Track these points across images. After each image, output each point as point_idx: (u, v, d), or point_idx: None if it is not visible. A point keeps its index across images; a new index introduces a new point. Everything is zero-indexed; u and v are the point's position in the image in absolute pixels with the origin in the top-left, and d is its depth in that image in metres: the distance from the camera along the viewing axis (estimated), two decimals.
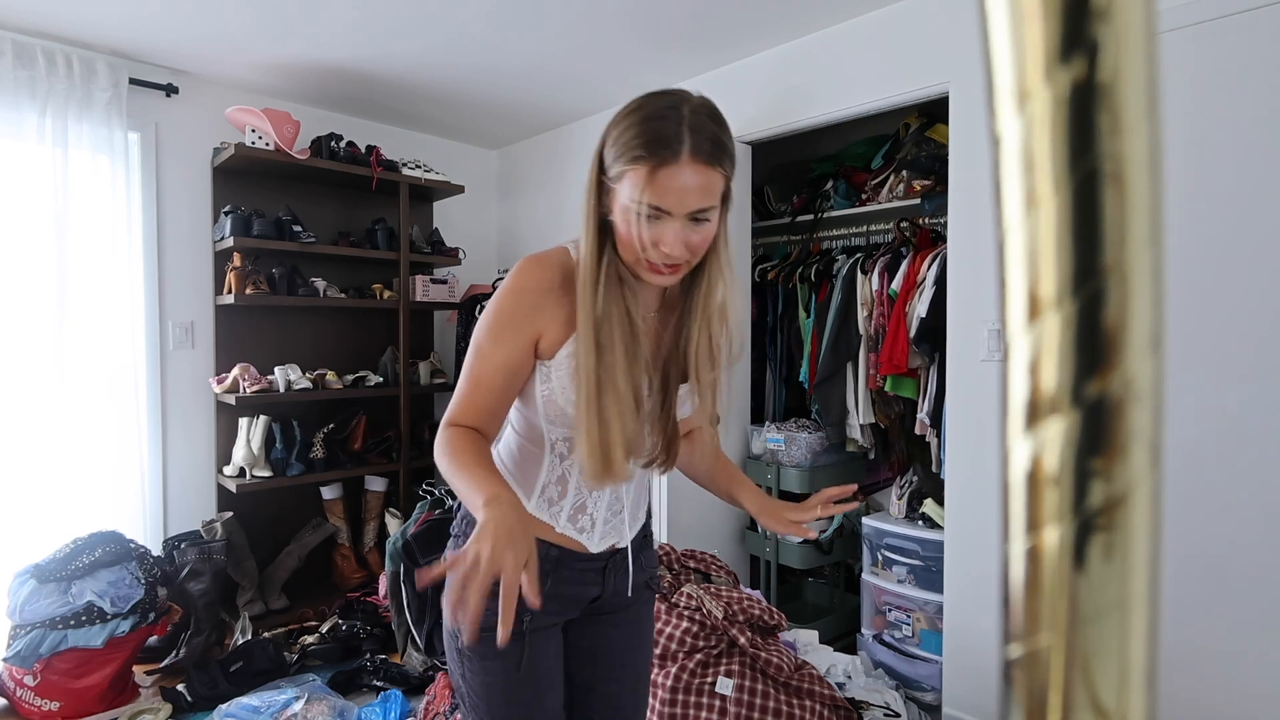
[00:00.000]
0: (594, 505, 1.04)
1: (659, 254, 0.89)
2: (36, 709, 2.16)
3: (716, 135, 0.89)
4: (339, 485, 3.24)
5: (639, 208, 0.87)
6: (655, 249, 0.89)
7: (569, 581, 1.05)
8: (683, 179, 0.85)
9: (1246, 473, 1.71)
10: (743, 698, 1.85)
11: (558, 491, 1.03)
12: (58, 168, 2.59)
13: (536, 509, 1.02)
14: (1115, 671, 0.18)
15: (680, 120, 0.87)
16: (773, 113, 2.70)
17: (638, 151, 0.86)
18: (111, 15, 2.41)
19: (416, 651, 2.49)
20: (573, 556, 1.04)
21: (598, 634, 1.13)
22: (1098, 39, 0.17)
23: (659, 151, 0.85)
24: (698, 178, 0.86)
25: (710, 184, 0.87)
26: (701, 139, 0.86)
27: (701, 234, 0.90)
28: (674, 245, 0.88)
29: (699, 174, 0.86)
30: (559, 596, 1.04)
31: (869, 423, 2.72)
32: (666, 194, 0.86)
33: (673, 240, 0.88)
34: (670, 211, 0.87)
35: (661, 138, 0.85)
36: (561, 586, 1.04)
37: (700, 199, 0.87)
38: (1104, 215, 0.17)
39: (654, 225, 0.88)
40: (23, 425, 2.59)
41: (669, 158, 0.85)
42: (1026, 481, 0.19)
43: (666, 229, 0.88)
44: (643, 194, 0.86)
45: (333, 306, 3.21)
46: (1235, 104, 1.72)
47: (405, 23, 2.47)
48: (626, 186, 0.88)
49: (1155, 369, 0.18)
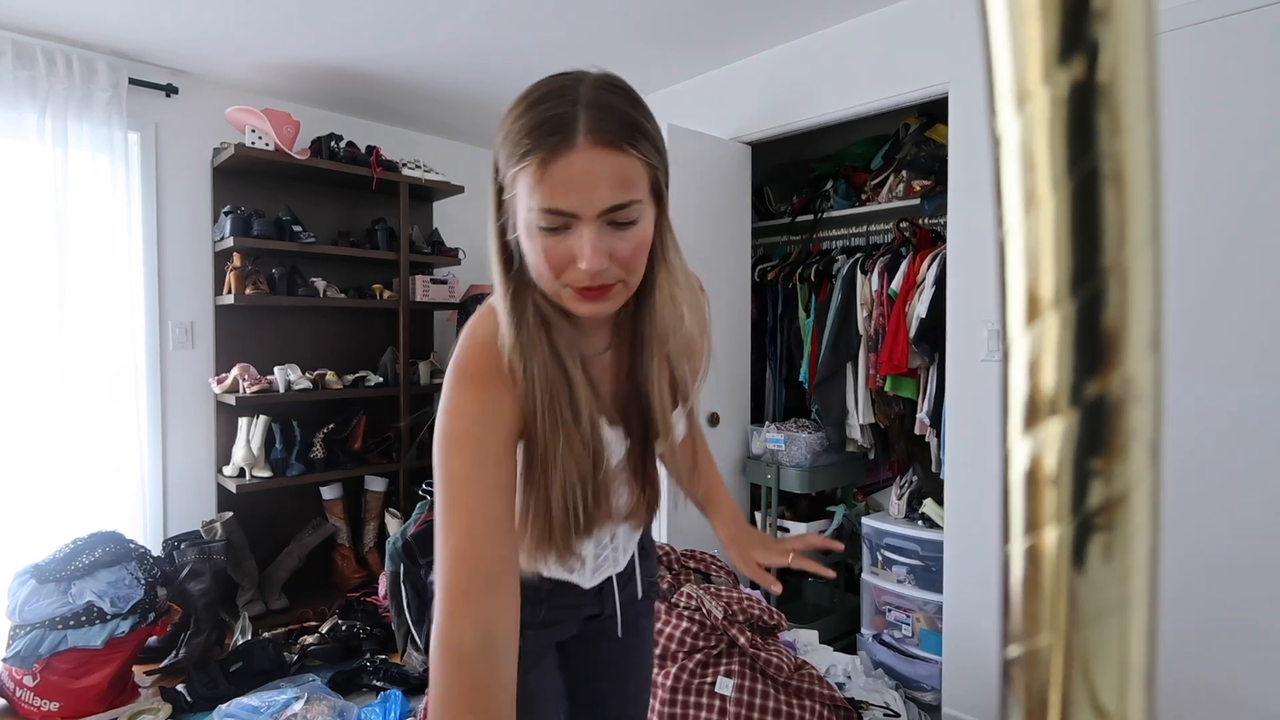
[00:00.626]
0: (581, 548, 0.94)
1: (579, 274, 0.68)
2: (36, 709, 2.16)
3: (625, 112, 0.68)
4: (339, 485, 3.24)
5: (537, 216, 0.67)
6: (572, 268, 0.69)
7: (564, 605, 0.98)
8: (582, 167, 0.65)
9: (1247, 473, 1.72)
10: (742, 698, 1.85)
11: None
12: (58, 168, 2.59)
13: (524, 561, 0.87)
14: (1115, 671, 0.18)
15: (575, 100, 0.67)
16: (773, 113, 2.70)
17: (525, 145, 0.67)
18: (111, 15, 2.41)
19: (416, 651, 2.49)
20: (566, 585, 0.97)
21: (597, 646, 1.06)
22: (1097, 39, 0.17)
23: (548, 139, 0.65)
24: (604, 164, 0.66)
25: (624, 172, 0.67)
26: (602, 116, 0.66)
27: (630, 241, 0.69)
28: (593, 258, 0.67)
29: (604, 160, 0.66)
30: (554, 623, 0.98)
31: (869, 423, 2.72)
32: (566, 190, 0.66)
33: (590, 252, 0.67)
34: (576, 214, 0.66)
35: (551, 121, 0.66)
36: (557, 612, 0.98)
37: (613, 191, 0.66)
38: (1103, 215, 0.17)
39: (562, 237, 0.68)
40: (23, 425, 2.59)
41: (561, 145, 0.65)
42: (1026, 481, 0.19)
43: (578, 239, 0.67)
44: (536, 196, 0.66)
45: (333, 306, 3.21)
46: (1235, 104, 1.72)
47: (405, 22, 2.47)
48: (521, 194, 0.68)
49: (1155, 369, 0.18)
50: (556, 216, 0.67)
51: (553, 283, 0.71)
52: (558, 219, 0.67)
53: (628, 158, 0.67)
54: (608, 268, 0.69)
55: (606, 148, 0.66)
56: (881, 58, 2.37)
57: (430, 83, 3.01)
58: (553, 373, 0.75)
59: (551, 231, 0.68)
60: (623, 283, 0.72)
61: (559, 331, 0.76)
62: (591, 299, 0.71)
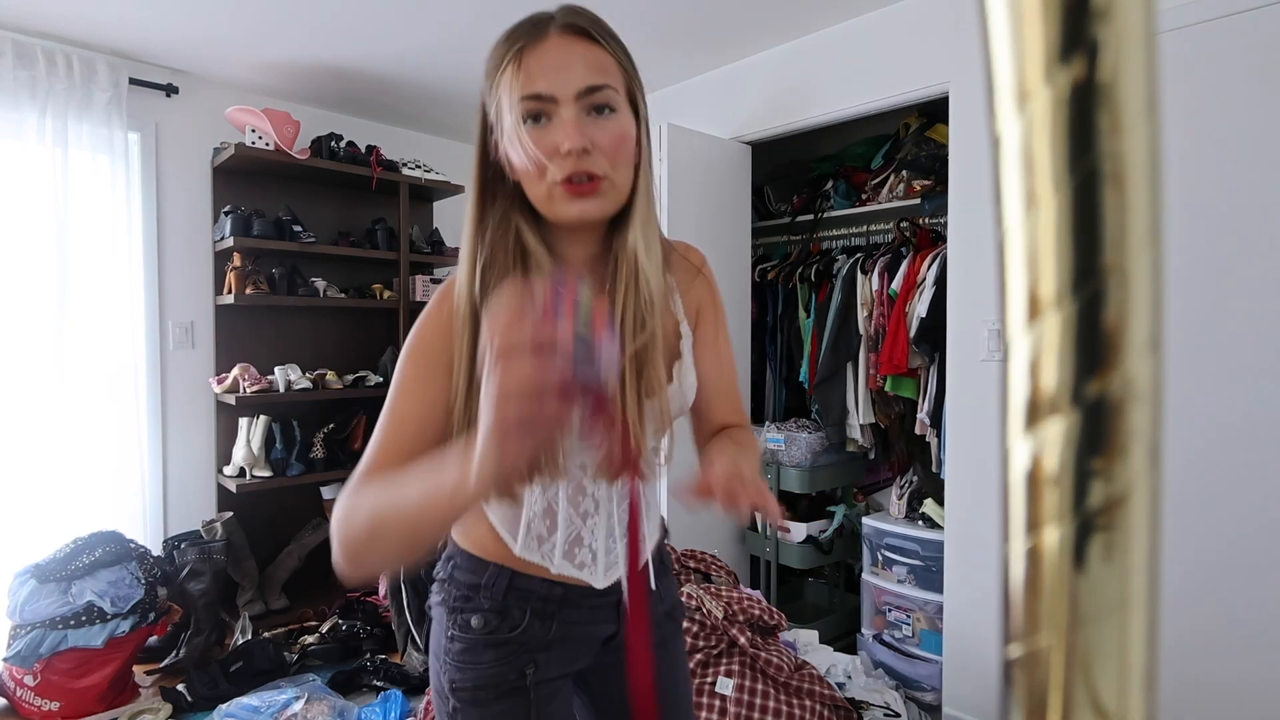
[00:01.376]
0: (590, 535, 0.87)
1: (563, 163, 0.70)
2: (36, 709, 2.16)
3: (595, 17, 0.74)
4: (339, 485, 3.24)
5: (519, 108, 0.70)
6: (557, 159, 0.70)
7: (578, 621, 0.89)
8: (557, 51, 0.70)
9: (1247, 473, 1.72)
10: (743, 698, 1.85)
11: (545, 526, 0.85)
12: (58, 168, 2.59)
13: (525, 550, 0.85)
14: (1115, 671, 0.18)
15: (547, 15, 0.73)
16: (773, 113, 2.70)
17: (502, 50, 0.72)
18: (111, 15, 2.41)
19: (416, 651, 2.49)
20: (579, 593, 0.88)
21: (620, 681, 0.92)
22: (1098, 39, 0.17)
23: (522, 37, 0.71)
24: (576, 49, 0.70)
25: (597, 59, 0.71)
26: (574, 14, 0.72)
27: (609, 131, 0.71)
28: (574, 135, 0.69)
29: (577, 46, 0.70)
30: (567, 640, 0.89)
31: (869, 423, 2.72)
32: (542, 74, 0.69)
33: (571, 130, 0.69)
34: (554, 95, 0.69)
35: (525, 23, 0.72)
36: (570, 628, 0.88)
37: (587, 72, 0.70)
38: (1104, 215, 0.17)
39: (545, 129, 0.70)
40: (23, 425, 2.59)
41: (536, 35, 0.70)
42: (1026, 481, 0.19)
43: (559, 124, 0.70)
44: (515, 88, 0.69)
45: (333, 306, 3.21)
46: (1235, 104, 1.72)
47: (406, 21, 2.47)
48: (504, 97, 0.71)
49: (1155, 369, 0.18)
50: (536, 102, 0.69)
51: (540, 183, 0.72)
52: (538, 104, 0.70)
53: (600, 49, 0.71)
54: (591, 153, 0.70)
55: (578, 36, 0.71)
56: (881, 58, 2.37)
57: (430, 82, 3.01)
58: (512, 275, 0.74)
59: (534, 121, 0.70)
60: (609, 180, 0.72)
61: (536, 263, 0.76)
62: (580, 194, 0.72)
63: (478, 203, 0.77)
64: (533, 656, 0.86)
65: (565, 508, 0.85)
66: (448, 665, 0.87)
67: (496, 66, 0.72)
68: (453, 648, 0.87)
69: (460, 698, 0.85)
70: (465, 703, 0.85)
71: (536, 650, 0.86)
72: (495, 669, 0.85)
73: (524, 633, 0.86)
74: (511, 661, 0.85)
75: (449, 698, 0.86)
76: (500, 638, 0.85)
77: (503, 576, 0.85)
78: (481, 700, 0.84)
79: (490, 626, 0.85)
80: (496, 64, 0.72)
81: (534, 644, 0.86)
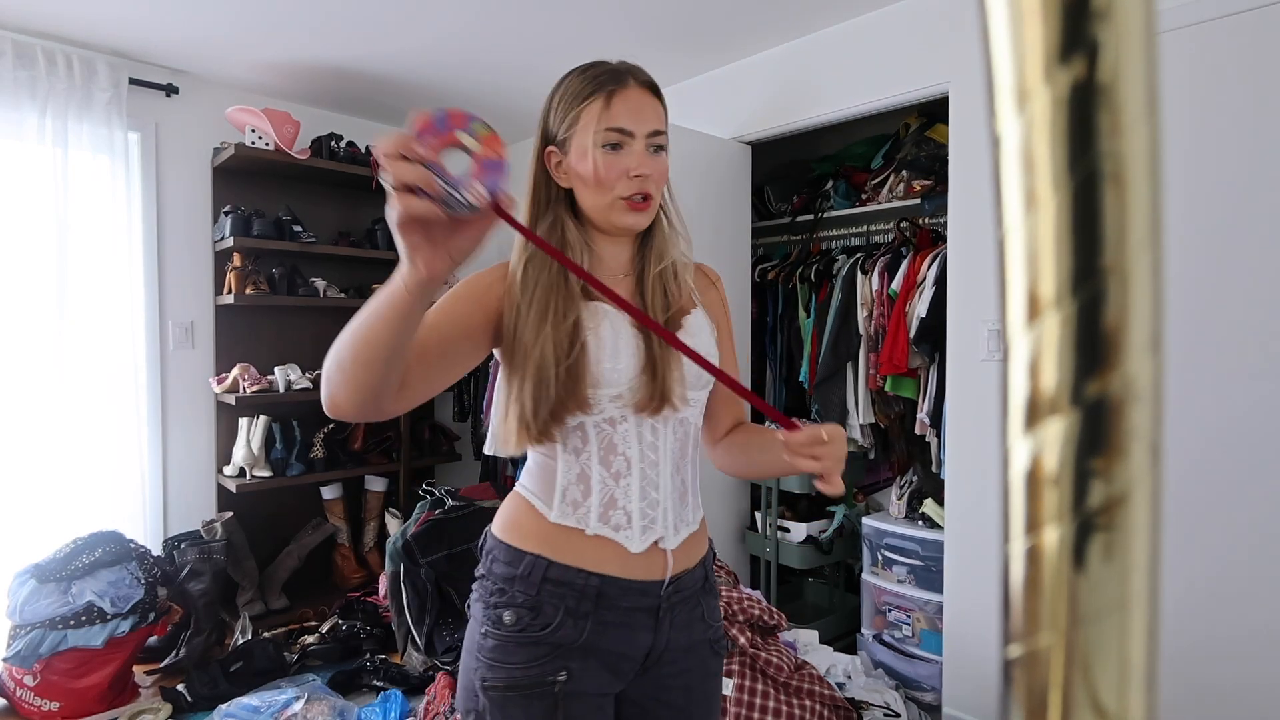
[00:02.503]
0: (624, 497, 0.91)
1: (630, 183, 0.89)
2: (36, 709, 2.16)
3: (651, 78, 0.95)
4: (339, 485, 3.24)
5: (600, 137, 0.89)
6: (626, 180, 0.89)
7: (614, 625, 0.90)
8: (636, 99, 0.90)
9: (1247, 473, 1.71)
10: (743, 698, 1.85)
11: (580, 491, 0.91)
12: (58, 168, 2.59)
13: (560, 515, 0.91)
14: (1115, 671, 0.18)
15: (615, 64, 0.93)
16: (773, 113, 2.70)
17: (589, 90, 0.90)
18: (111, 15, 2.41)
19: (416, 651, 2.49)
20: (616, 588, 0.89)
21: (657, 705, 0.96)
22: (1098, 39, 0.17)
23: (608, 84, 0.90)
24: (648, 102, 0.92)
25: (658, 111, 0.93)
26: (641, 73, 0.93)
27: (661, 165, 0.92)
28: (645, 163, 0.89)
29: (648, 99, 0.92)
30: (602, 650, 0.89)
31: (869, 423, 2.72)
32: (625, 114, 0.89)
33: (642, 160, 0.90)
34: (632, 131, 0.89)
35: (607, 74, 0.91)
36: (604, 635, 0.89)
37: (655, 119, 0.91)
38: (1104, 215, 0.17)
39: (618, 155, 0.89)
40: (23, 425, 2.59)
41: (619, 85, 0.90)
42: (1026, 481, 0.19)
43: (632, 154, 0.89)
44: (602, 121, 0.89)
45: (333, 306, 3.21)
46: (1235, 104, 1.72)
47: (405, 21, 2.47)
48: (583, 125, 0.90)
49: (1155, 369, 0.18)
50: (618, 134, 0.89)
51: (605, 195, 0.90)
52: (618, 136, 0.89)
53: (660, 104, 0.93)
54: (651, 176, 0.90)
55: (649, 92, 0.92)
56: (881, 58, 2.37)
57: (430, 82, 3.01)
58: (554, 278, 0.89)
59: (611, 149, 0.89)
60: (655, 200, 0.93)
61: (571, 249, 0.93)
62: (636, 209, 0.91)
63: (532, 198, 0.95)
64: (566, 664, 0.88)
65: (598, 470, 0.91)
66: (480, 662, 0.89)
67: (580, 99, 0.90)
68: (485, 644, 0.89)
69: (490, 697, 0.88)
70: (494, 703, 0.87)
71: (571, 657, 0.88)
72: (526, 670, 0.87)
73: (556, 631, 0.88)
74: (544, 665, 0.87)
75: (479, 695, 0.89)
76: (532, 636, 0.88)
77: (538, 567, 0.89)
78: (511, 701, 0.87)
79: (523, 623, 0.88)
80: (581, 97, 0.90)
81: (567, 647, 0.88)
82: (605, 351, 0.90)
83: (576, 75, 0.93)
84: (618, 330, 0.91)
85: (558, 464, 0.92)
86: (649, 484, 0.93)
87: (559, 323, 0.88)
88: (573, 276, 0.90)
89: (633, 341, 0.92)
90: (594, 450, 0.91)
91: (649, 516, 0.92)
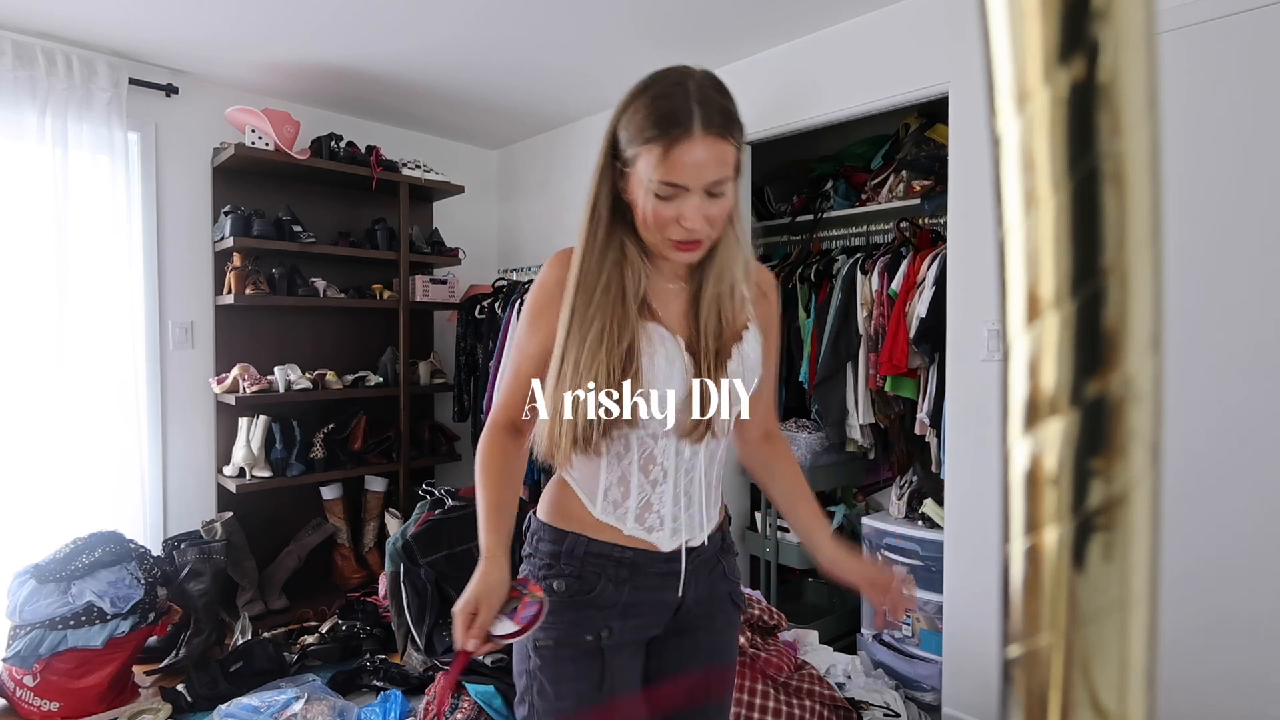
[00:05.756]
0: (659, 502, 1.00)
1: (680, 230, 0.90)
2: (36, 709, 2.16)
3: (725, 107, 0.90)
4: (339, 485, 3.24)
5: (656, 186, 0.88)
6: (677, 225, 0.90)
7: (647, 588, 1.01)
8: (696, 154, 0.86)
9: (1247, 472, 1.71)
10: (742, 697, 1.85)
11: (620, 493, 0.99)
12: (58, 168, 2.59)
13: (603, 513, 0.99)
14: (1115, 671, 0.18)
15: (688, 95, 0.87)
16: (773, 113, 2.70)
17: (650, 131, 0.88)
18: (111, 15, 2.41)
19: (416, 651, 2.49)
20: (648, 558, 1.00)
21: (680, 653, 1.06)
22: (1097, 39, 0.17)
23: (671, 130, 0.86)
24: (711, 151, 0.87)
25: (723, 156, 0.88)
26: (711, 112, 0.87)
27: (719, 207, 0.91)
28: (694, 219, 0.89)
29: (712, 147, 0.87)
30: (638, 605, 1.00)
31: (869, 423, 2.71)
32: (683, 170, 0.87)
33: (693, 215, 0.89)
34: (687, 187, 0.88)
35: (672, 115, 0.87)
36: (640, 593, 1.00)
37: (716, 171, 0.88)
38: (1104, 215, 0.17)
39: (673, 203, 0.89)
40: (23, 425, 2.59)
41: (681, 135, 0.86)
42: (1026, 481, 0.19)
43: (686, 205, 0.89)
44: (658, 172, 0.87)
45: (333, 306, 3.21)
46: (1235, 104, 1.72)
47: (405, 21, 2.47)
48: (642, 166, 0.89)
49: (1155, 369, 0.18)
50: (672, 189, 0.88)
51: (657, 234, 0.92)
52: (672, 190, 0.88)
53: (727, 144, 0.89)
54: (703, 226, 0.90)
55: (715, 137, 0.87)
56: (881, 58, 2.37)
57: (430, 82, 3.01)
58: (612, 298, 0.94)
59: (664, 199, 0.89)
60: (708, 239, 0.94)
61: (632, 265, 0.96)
62: (685, 250, 0.93)
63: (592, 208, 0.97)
64: (608, 623, 0.98)
65: (637, 476, 0.99)
66: None
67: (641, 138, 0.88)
68: None
69: (542, 655, 0.98)
70: (546, 660, 0.98)
71: (612, 616, 0.99)
72: (573, 629, 0.98)
73: (599, 595, 0.98)
74: (589, 624, 0.98)
75: (530, 655, 0.99)
76: (579, 600, 0.98)
77: (580, 544, 0.99)
78: (561, 657, 0.97)
79: (571, 590, 0.98)
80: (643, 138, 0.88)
81: (609, 607, 0.99)
82: (659, 377, 0.95)
83: (645, 102, 0.89)
84: (671, 359, 0.97)
85: (601, 466, 1.00)
86: (682, 491, 1.02)
87: (613, 347, 0.92)
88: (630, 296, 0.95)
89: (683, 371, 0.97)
90: (635, 458, 0.99)
91: (679, 520, 1.02)
